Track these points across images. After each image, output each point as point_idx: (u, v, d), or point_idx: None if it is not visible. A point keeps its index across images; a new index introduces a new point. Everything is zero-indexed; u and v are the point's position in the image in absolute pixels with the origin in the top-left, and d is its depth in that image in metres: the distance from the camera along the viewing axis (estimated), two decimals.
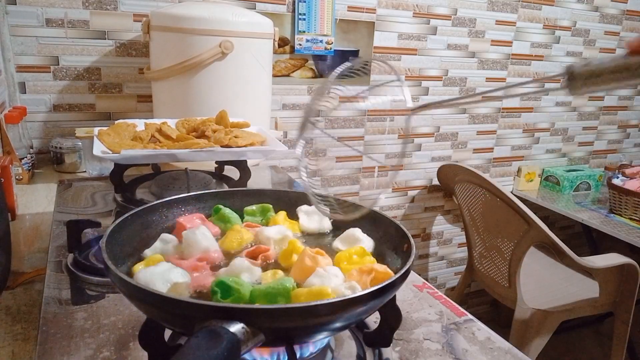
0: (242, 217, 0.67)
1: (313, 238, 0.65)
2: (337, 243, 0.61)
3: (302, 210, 0.67)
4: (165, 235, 0.59)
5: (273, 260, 0.58)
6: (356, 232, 0.61)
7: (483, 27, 1.97)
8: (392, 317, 0.53)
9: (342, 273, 0.52)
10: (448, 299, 0.70)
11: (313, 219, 0.66)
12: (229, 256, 0.58)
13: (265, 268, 0.55)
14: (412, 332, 0.61)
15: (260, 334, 0.39)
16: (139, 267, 0.51)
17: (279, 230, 0.62)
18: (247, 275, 0.51)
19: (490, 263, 1.79)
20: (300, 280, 0.51)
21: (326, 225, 0.66)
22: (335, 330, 0.48)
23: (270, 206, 0.69)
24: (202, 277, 0.51)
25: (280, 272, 0.54)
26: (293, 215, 0.68)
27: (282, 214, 0.67)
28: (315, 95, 0.54)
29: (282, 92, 1.71)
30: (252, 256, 0.57)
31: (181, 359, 0.34)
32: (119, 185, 0.96)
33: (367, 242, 0.60)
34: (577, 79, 0.40)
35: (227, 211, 0.65)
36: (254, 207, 0.69)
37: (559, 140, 2.36)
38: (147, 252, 0.56)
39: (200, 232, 0.56)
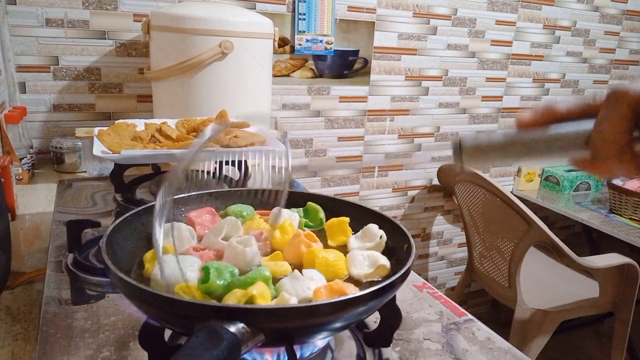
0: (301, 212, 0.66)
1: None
2: (354, 270, 0.54)
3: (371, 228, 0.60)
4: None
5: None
6: (376, 254, 0.56)
7: (483, 27, 1.97)
8: (392, 317, 0.53)
9: (322, 277, 0.51)
10: (448, 299, 0.70)
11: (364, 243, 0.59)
12: None
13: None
14: (412, 332, 0.61)
15: (260, 334, 0.39)
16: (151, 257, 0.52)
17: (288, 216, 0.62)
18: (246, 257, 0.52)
19: (490, 263, 1.79)
20: (293, 262, 0.54)
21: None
22: (335, 330, 0.48)
23: (319, 209, 0.65)
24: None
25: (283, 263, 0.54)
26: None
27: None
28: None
29: (282, 92, 1.71)
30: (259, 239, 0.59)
31: (181, 359, 0.34)
32: (119, 185, 0.96)
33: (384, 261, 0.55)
34: (463, 153, 0.38)
35: (237, 208, 0.65)
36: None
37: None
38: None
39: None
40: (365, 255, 0.55)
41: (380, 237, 0.58)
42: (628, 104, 0.31)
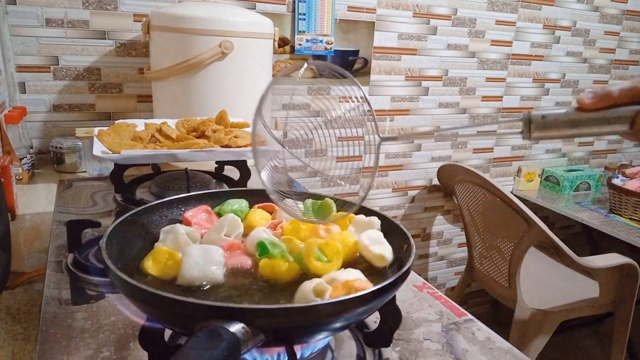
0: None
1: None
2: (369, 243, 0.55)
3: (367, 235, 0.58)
4: (165, 228, 0.58)
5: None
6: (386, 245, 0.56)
7: (483, 27, 1.97)
8: (392, 317, 0.53)
9: (362, 275, 0.50)
10: (448, 299, 0.70)
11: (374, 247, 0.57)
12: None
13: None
14: (412, 332, 0.61)
15: (260, 334, 0.39)
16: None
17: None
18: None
19: (490, 263, 1.79)
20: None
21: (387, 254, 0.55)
22: (335, 330, 0.48)
23: (332, 204, 0.62)
24: (235, 256, 0.53)
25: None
26: None
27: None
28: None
29: (282, 92, 1.71)
30: (273, 228, 0.61)
31: (181, 359, 0.34)
32: (119, 185, 0.96)
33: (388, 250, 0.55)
34: (532, 125, 0.43)
35: (229, 206, 0.64)
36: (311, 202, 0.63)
37: (559, 140, 2.36)
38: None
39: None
40: (379, 240, 0.55)
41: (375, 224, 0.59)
42: None
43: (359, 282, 0.47)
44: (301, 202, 0.62)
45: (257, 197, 0.69)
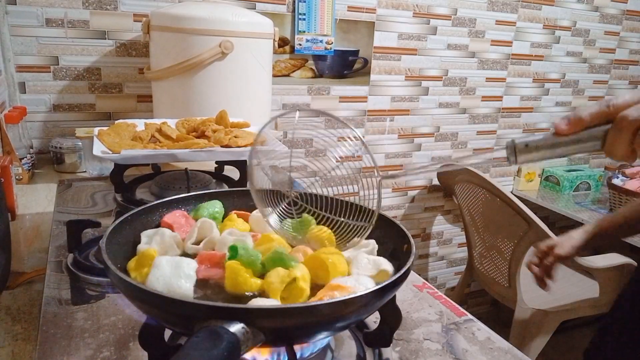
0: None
1: None
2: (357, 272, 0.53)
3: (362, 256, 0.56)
4: (147, 232, 0.57)
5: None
6: (381, 259, 0.55)
7: (483, 27, 1.97)
8: (392, 317, 0.53)
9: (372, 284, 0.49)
10: (448, 299, 0.70)
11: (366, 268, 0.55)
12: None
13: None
14: (412, 332, 0.61)
15: (260, 334, 0.39)
16: (138, 266, 0.51)
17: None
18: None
19: (490, 263, 1.79)
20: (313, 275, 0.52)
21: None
22: (335, 330, 0.48)
23: (312, 219, 0.63)
24: (207, 268, 0.52)
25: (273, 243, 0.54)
26: None
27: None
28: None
29: (282, 92, 1.71)
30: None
31: (181, 359, 0.34)
32: (119, 185, 0.96)
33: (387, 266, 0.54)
34: (517, 151, 0.49)
35: (209, 210, 0.63)
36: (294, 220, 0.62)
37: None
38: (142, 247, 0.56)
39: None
40: (371, 259, 0.54)
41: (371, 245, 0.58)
42: (632, 132, 0.43)
43: (341, 290, 0.46)
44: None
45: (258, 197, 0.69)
